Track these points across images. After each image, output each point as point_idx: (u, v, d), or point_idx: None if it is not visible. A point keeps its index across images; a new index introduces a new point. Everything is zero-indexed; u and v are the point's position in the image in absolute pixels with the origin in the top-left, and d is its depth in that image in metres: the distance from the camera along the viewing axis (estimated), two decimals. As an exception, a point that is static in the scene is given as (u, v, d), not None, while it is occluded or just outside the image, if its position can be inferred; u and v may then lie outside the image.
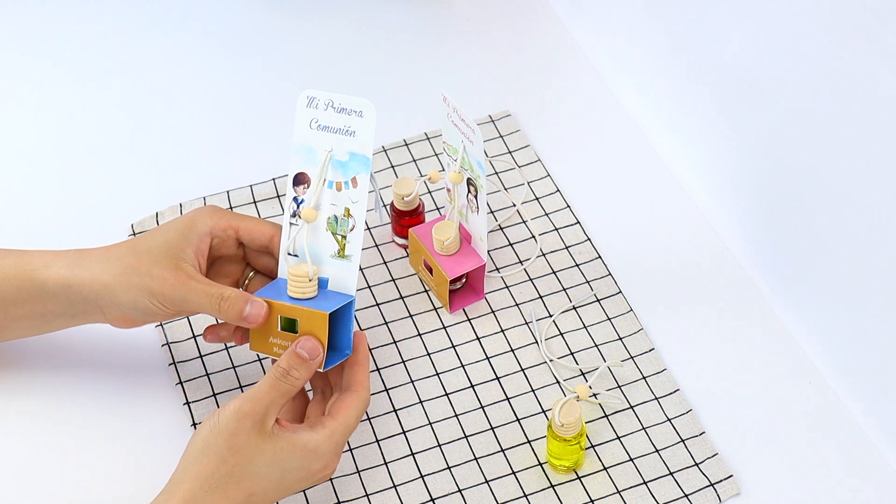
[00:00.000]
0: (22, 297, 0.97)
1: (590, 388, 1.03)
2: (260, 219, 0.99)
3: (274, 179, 1.20)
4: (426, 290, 1.11)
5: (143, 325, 1.00)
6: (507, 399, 1.04)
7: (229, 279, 1.00)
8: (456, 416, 1.03)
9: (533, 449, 1.01)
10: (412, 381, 1.05)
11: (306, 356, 0.91)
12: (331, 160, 0.95)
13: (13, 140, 1.26)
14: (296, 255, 0.96)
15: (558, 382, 1.05)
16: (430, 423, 1.02)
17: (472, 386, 1.05)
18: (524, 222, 1.16)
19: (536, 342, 1.07)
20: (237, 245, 0.99)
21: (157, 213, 1.17)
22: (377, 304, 1.10)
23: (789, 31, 0.99)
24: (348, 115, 0.94)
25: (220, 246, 0.98)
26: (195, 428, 1.02)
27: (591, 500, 0.98)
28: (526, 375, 1.05)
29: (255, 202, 1.18)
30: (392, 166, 1.21)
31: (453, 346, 1.07)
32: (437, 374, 1.06)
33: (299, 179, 0.96)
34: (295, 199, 0.96)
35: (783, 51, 1.01)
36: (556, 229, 1.16)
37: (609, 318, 1.09)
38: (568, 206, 1.17)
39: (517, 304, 1.10)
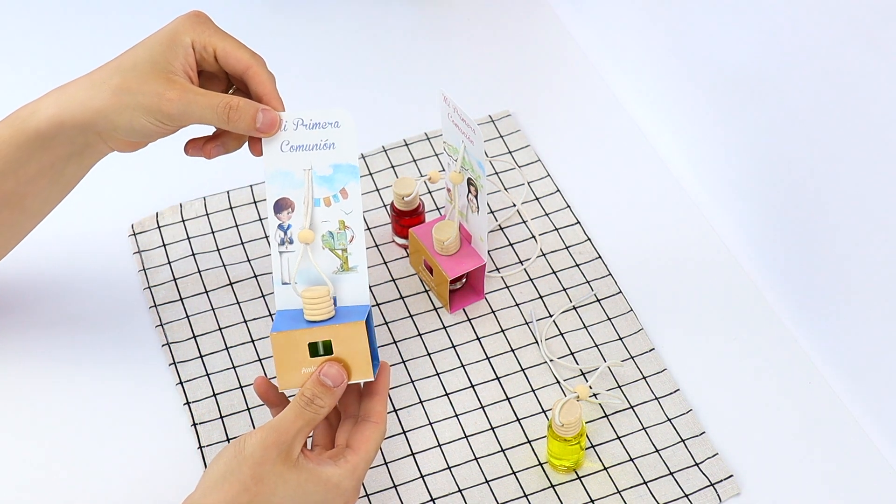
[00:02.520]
0: (24, 154, 0.94)
1: (590, 388, 1.02)
2: (240, 44, 0.93)
3: (274, 179, 1.20)
4: (426, 290, 1.11)
5: (147, 146, 0.95)
6: (507, 399, 1.04)
7: (215, 89, 0.95)
8: (456, 416, 1.03)
9: (533, 449, 1.01)
10: (412, 381, 1.05)
11: (330, 383, 0.89)
12: (313, 178, 0.92)
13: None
14: (293, 283, 0.93)
15: (558, 382, 1.05)
16: (430, 423, 1.02)
17: (472, 386, 1.05)
18: (524, 222, 1.16)
19: (536, 342, 1.07)
20: (217, 62, 0.93)
21: (157, 214, 1.17)
22: (377, 305, 1.10)
23: (789, 31, 0.99)
24: (323, 128, 0.91)
25: (202, 62, 0.93)
26: (195, 428, 1.02)
27: (591, 500, 0.98)
28: (526, 375, 1.05)
29: (255, 202, 1.18)
30: (392, 166, 1.21)
31: (453, 346, 1.07)
32: (437, 374, 1.06)
33: (281, 205, 0.93)
34: (280, 226, 0.93)
35: (783, 51, 1.01)
36: (556, 229, 1.16)
37: (609, 318, 1.09)
38: (568, 206, 1.17)
39: (517, 304, 1.10)
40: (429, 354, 1.07)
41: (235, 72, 0.93)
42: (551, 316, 1.09)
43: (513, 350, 1.07)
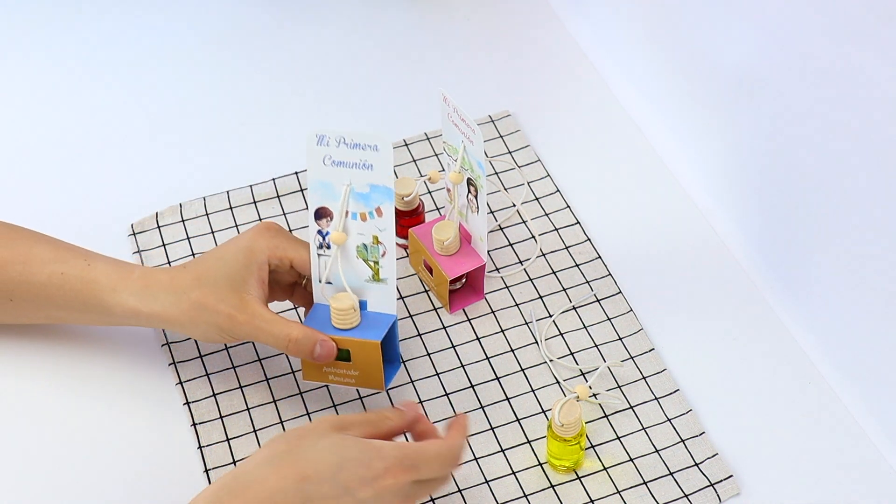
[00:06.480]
0: (88, 313, 1.01)
1: (590, 388, 1.02)
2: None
3: (274, 179, 1.20)
4: (426, 290, 1.11)
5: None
6: (507, 399, 1.04)
7: (285, 285, 1.03)
8: (456, 416, 1.03)
9: (533, 449, 1.01)
10: (412, 381, 1.05)
11: (404, 410, 0.91)
12: (351, 192, 0.96)
13: (13, 139, 1.26)
14: (329, 283, 0.99)
15: (558, 382, 1.05)
16: (430, 423, 1.03)
17: (472, 386, 1.05)
18: (524, 222, 1.16)
19: (536, 342, 1.07)
20: (291, 267, 1.01)
21: (156, 213, 1.17)
22: (377, 304, 1.10)
23: (789, 32, 0.99)
24: (362, 149, 0.95)
25: (276, 270, 1.01)
26: (195, 428, 1.02)
27: (591, 501, 0.98)
28: (526, 375, 1.05)
29: (254, 202, 1.18)
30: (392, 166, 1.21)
31: (453, 346, 1.07)
32: (437, 374, 1.06)
33: (321, 213, 0.98)
34: (319, 231, 0.98)
35: (783, 51, 1.01)
36: (556, 229, 1.16)
37: (609, 318, 1.09)
38: (568, 206, 1.17)
39: (517, 304, 1.10)
40: (429, 354, 1.07)
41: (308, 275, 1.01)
42: (551, 316, 1.09)
43: (513, 350, 1.07)
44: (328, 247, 0.98)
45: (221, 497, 0.83)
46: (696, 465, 0.99)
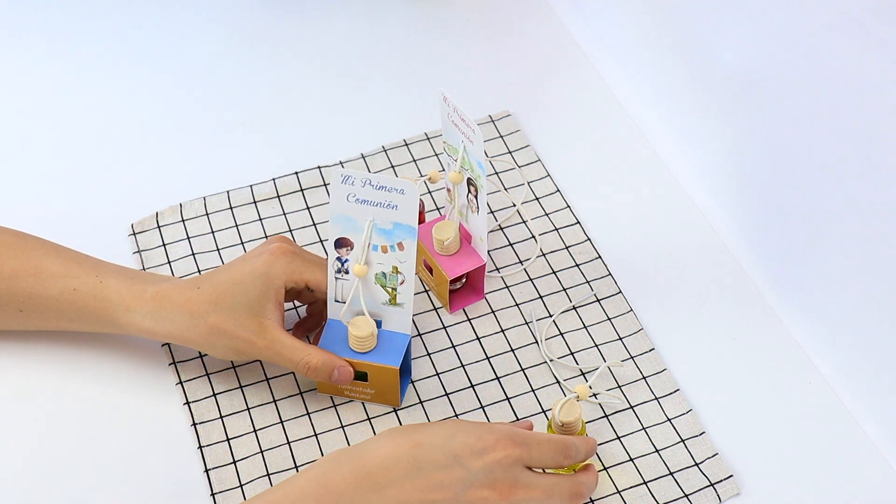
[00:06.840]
0: (99, 327, 1.02)
1: (590, 388, 1.02)
2: (326, 269, 1.01)
3: (274, 179, 1.20)
4: (426, 290, 1.11)
5: None
6: (507, 399, 1.04)
7: (293, 296, 1.05)
8: (456, 416, 1.03)
9: (533, 449, 1.01)
10: (412, 382, 1.05)
11: (576, 457, 0.92)
12: (374, 227, 0.97)
13: (13, 139, 1.26)
14: (343, 302, 1.01)
15: (558, 382, 1.05)
16: (430, 423, 1.03)
17: (472, 386, 1.05)
18: (524, 222, 1.16)
19: (536, 342, 1.07)
20: (306, 287, 1.02)
21: (156, 213, 1.17)
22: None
23: (789, 32, 0.99)
24: (388, 191, 0.96)
25: (291, 290, 1.02)
26: (195, 428, 1.02)
27: (591, 501, 0.98)
28: (526, 375, 1.05)
29: (255, 202, 1.18)
30: (392, 166, 1.21)
31: (453, 346, 1.07)
32: (437, 374, 1.06)
33: (341, 243, 0.99)
34: (339, 258, 0.99)
35: (783, 51, 1.01)
36: (556, 229, 1.16)
37: (609, 318, 1.09)
38: (568, 206, 1.17)
39: (517, 304, 1.10)
40: (429, 354, 1.07)
41: (324, 295, 1.02)
42: (551, 316, 1.09)
43: (513, 350, 1.07)
44: (346, 272, 1.00)
45: (339, 458, 0.87)
46: (696, 465, 0.99)
